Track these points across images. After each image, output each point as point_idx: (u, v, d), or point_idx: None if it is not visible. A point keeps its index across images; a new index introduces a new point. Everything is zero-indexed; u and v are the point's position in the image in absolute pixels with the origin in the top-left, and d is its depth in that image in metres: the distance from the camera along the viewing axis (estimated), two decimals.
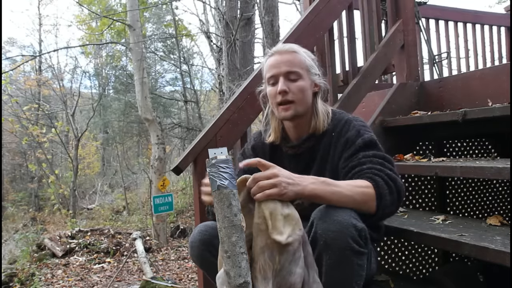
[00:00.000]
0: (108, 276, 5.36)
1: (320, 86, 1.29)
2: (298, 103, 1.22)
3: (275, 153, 1.34)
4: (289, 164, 1.28)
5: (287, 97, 1.21)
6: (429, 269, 2.12)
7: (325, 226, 0.97)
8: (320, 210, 1.02)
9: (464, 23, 3.49)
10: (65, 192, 10.94)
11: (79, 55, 16.28)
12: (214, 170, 0.94)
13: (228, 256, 0.90)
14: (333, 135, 1.24)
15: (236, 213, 0.92)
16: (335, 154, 1.22)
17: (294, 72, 1.22)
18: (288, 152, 1.31)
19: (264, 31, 6.30)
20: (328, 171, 1.22)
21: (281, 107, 1.23)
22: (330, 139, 1.24)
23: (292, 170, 1.09)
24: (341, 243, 0.95)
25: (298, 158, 1.29)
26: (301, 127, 1.28)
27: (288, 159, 1.31)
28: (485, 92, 1.90)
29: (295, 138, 1.31)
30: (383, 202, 1.05)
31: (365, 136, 1.18)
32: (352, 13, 2.19)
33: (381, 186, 1.06)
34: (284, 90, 1.20)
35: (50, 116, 13.23)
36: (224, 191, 0.92)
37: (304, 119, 1.27)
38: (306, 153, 1.28)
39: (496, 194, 2.46)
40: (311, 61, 1.27)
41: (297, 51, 1.25)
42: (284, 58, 1.24)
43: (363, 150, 1.16)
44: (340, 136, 1.22)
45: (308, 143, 1.28)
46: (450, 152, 2.31)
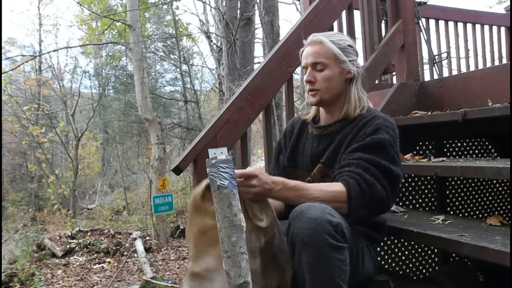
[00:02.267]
0: (108, 276, 5.36)
1: (353, 73, 1.31)
2: (323, 91, 1.29)
3: (302, 135, 1.43)
4: (312, 143, 1.36)
5: (313, 86, 1.30)
6: (429, 269, 2.12)
7: (300, 225, 0.99)
8: (295, 210, 1.05)
9: (464, 23, 3.49)
10: (65, 192, 10.93)
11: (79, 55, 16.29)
12: (214, 170, 0.94)
13: (228, 256, 0.90)
14: (359, 125, 1.27)
15: (236, 213, 0.92)
16: (348, 145, 1.25)
17: (319, 62, 1.29)
18: (314, 132, 1.37)
19: (264, 31, 6.30)
20: (338, 155, 1.26)
21: (309, 93, 1.32)
22: (353, 129, 1.27)
23: (312, 149, 1.33)
24: (317, 239, 0.97)
25: (320, 139, 1.34)
26: (332, 112, 1.34)
27: (312, 139, 1.37)
28: (485, 92, 1.90)
29: (324, 121, 1.37)
30: (353, 204, 1.10)
31: (376, 136, 1.20)
32: (352, 13, 2.19)
33: (352, 189, 1.11)
34: (309, 80, 1.30)
35: (50, 116, 13.23)
36: (224, 191, 0.92)
37: (336, 106, 1.33)
38: (328, 136, 1.33)
39: (496, 194, 2.46)
40: (339, 50, 1.29)
41: (323, 41, 1.30)
42: (311, 49, 1.31)
43: (363, 150, 1.18)
44: (362, 129, 1.25)
45: (333, 128, 1.32)
46: (450, 152, 2.30)
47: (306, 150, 1.38)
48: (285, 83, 1.96)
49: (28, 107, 10.80)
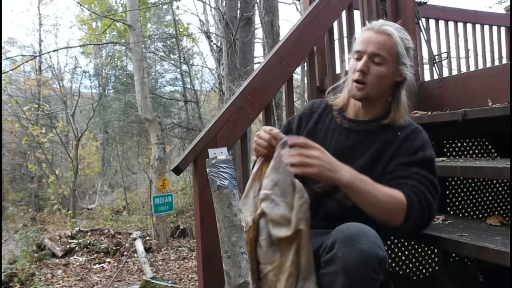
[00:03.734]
0: (108, 276, 5.36)
1: (406, 77, 1.22)
2: (372, 87, 1.18)
3: (323, 121, 1.31)
4: (339, 136, 1.26)
5: (364, 78, 1.18)
6: (429, 269, 2.12)
7: (346, 251, 0.93)
8: (343, 231, 0.97)
9: (464, 23, 3.49)
10: (65, 192, 10.93)
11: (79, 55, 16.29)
12: (214, 170, 0.94)
13: (228, 256, 0.90)
14: (399, 135, 1.19)
15: (236, 213, 0.92)
16: (392, 156, 1.18)
17: (380, 55, 1.17)
18: (344, 124, 1.27)
19: (264, 31, 6.30)
20: (376, 167, 1.18)
21: (355, 84, 1.19)
22: (394, 138, 1.19)
23: (338, 141, 1.23)
24: (361, 272, 0.92)
25: (350, 133, 1.24)
26: (368, 109, 1.25)
27: (340, 132, 1.27)
28: (485, 92, 1.90)
29: (356, 115, 1.27)
30: (410, 219, 1.07)
31: (427, 153, 1.16)
32: (352, 13, 2.19)
33: (414, 204, 1.07)
34: (363, 70, 1.17)
35: (50, 116, 13.23)
36: (224, 191, 0.92)
37: (374, 104, 1.24)
38: (361, 133, 1.23)
39: (496, 194, 2.46)
40: (404, 50, 1.19)
41: (392, 35, 1.18)
42: (376, 37, 1.18)
43: (419, 166, 1.13)
44: (406, 141, 1.18)
45: (368, 126, 1.24)
46: (450, 152, 2.30)
47: (329, 140, 1.26)
48: (285, 83, 1.96)
49: (28, 107, 10.80)
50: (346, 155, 1.19)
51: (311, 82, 2.19)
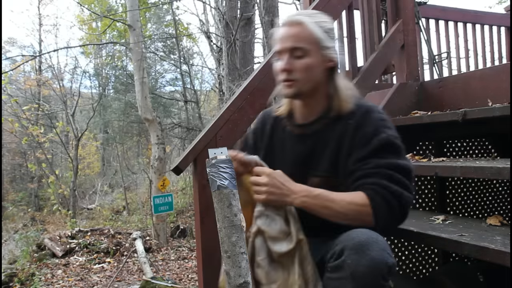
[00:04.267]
0: (108, 276, 5.36)
1: (335, 60, 1.15)
2: (302, 82, 1.12)
3: (276, 133, 1.25)
4: (293, 145, 1.20)
5: (290, 76, 1.12)
6: (429, 269, 2.12)
7: (356, 258, 0.91)
8: (353, 238, 0.94)
9: (464, 23, 3.49)
10: (65, 192, 10.93)
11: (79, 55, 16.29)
12: (214, 170, 0.94)
13: (228, 256, 0.90)
14: (350, 124, 1.12)
15: (236, 213, 0.92)
16: (349, 151, 1.11)
17: (299, 48, 1.10)
18: (294, 131, 1.20)
19: (264, 31, 6.30)
20: (340, 166, 1.12)
21: (284, 84, 1.14)
22: (346, 128, 1.12)
23: (296, 153, 1.18)
24: (370, 280, 0.90)
25: (304, 140, 1.18)
26: (311, 106, 1.18)
27: (293, 140, 1.20)
28: (485, 92, 1.90)
29: (303, 117, 1.21)
30: (380, 220, 1.02)
31: (382, 136, 1.08)
32: (352, 13, 2.19)
33: (378, 204, 1.01)
34: (286, 69, 1.11)
35: (50, 116, 13.23)
36: (224, 191, 0.92)
37: (314, 99, 1.17)
38: (315, 136, 1.17)
39: (496, 194, 2.46)
40: (324, 33, 1.12)
41: (305, 22, 1.11)
42: (290, 31, 1.12)
43: (377, 155, 1.06)
44: (358, 130, 1.10)
45: (318, 125, 1.17)
46: (450, 152, 2.30)
47: (287, 152, 1.21)
48: None
49: (28, 107, 10.80)
50: (307, 163, 1.16)
51: None
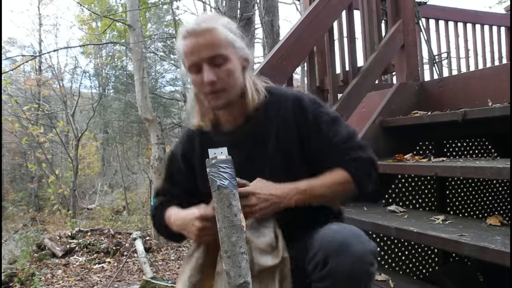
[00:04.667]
0: (108, 276, 5.36)
1: (249, 59, 1.12)
2: (230, 90, 1.07)
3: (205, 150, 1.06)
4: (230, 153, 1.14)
5: (217, 86, 1.05)
6: (429, 269, 2.12)
7: (342, 260, 0.89)
8: (330, 242, 0.92)
9: (464, 23, 3.50)
10: (65, 192, 10.93)
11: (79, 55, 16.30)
12: (214, 170, 0.94)
13: (228, 256, 0.90)
14: (281, 114, 1.11)
15: (236, 213, 0.92)
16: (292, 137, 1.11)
17: (218, 55, 1.04)
18: (228, 141, 1.09)
19: (264, 31, 6.30)
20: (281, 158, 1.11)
21: (211, 96, 1.06)
22: (278, 121, 1.11)
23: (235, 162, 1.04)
24: (363, 274, 0.91)
25: (237, 147, 1.09)
26: (234, 111, 1.13)
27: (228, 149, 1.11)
28: (485, 92, 1.90)
29: (229, 123, 1.16)
30: (363, 188, 1.09)
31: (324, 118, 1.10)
32: (352, 13, 2.19)
33: (359, 176, 1.07)
34: (212, 81, 1.03)
35: (50, 116, 13.24)
36: (224, 191, 0.92)
37: (238, 102, 1.12)
38: (246, 139, 1.13)
39: (496, 194, 2.46)
40: (232, 33, 1.08)
41: (216, 27, 1.05)
42: (202, 40, 1.03)
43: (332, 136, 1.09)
44: (296, 116, 1.10)
45: (247, 128, 1.13)
46: (450, 152, 2.31)
47: None
48: (285, 83, 1.96)
49: (28, 107, 10.80)
50: (250, 167, 1.10)
51: (311, 82, 2.20)
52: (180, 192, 1.22)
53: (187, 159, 1.21)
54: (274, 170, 1.10)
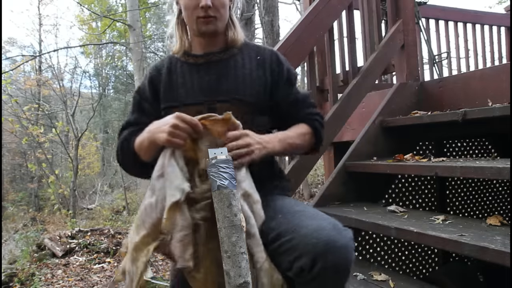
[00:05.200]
0: (108, 276, 5.36)
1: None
2: (220, 19, 1.16)
3: (175, 70, 1.23)
4: (198, 74, 1.20)
5: (210, 12, 1.13)
6: (429, 269, 2.12)
7: (333, 258, 0.88)
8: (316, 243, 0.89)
9: (464, 23, 3.50)
10: (65, 192, 10.93)
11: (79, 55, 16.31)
12: (214, 170, 0.94)
13: (228, 256, 0.90)
14: (257, 59, 1.21)
15: (236, 213, 0.92)
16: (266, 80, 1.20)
17: None
18: (199, 61, 1.22)
19: (264, 31, 6.30)
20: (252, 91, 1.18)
21: (202, 20, 1.15)
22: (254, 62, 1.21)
23: (204, 80, 1.18)
24: (348, 264, 0.91)
25: (209, 68, 1.20)
26: (214, 41, 1.22)
27: (196, 70, 1.21)
28: (485, 92, 1.90)
29: (205, 49, 1.23)
30: (319, 140, 1.25)
31: (295, 75, 1.27)
32: (352, 13, 2.19)
33: (318, 130, 1.23)
34: (209, 6, 1.12)
35: (50, 116, 13.24)
36: (224, 191, 0.92)
37: (222, 34, 1.22)
38: (221, 64, 1.20)
39: (496, 194, 2.47)
40: None
41: None
42: None
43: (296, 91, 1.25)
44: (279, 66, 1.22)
45: (222, 55, 1.22)
46: (450, 152, 2.31)
47: (190, 83, 1.20)
48: None
49: (28, 107, 10.80)
50: (215, 89, 1.16)
51: (311, 82, 2.19)
52: (147, 119, 1.18)
53: (153, 85, 1.24)
54: (244, 96, 1.16)
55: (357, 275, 1.46)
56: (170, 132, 0.98)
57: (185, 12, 1.18)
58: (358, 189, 1.90)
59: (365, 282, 1.40)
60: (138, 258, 0.99)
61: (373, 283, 1.39)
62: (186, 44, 1.24)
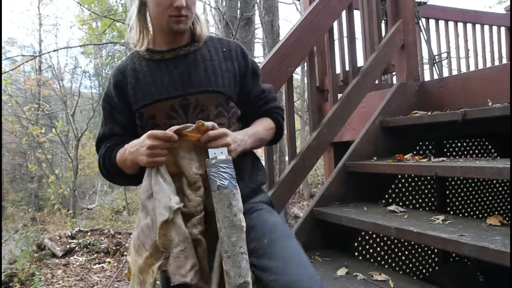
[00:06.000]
0: (108, 276, 5.36)
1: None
2: (190, 18, 1.15)
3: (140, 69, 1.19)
4: (166, 70, 1.16)
5: (183, 11, 1.11)
6: (429, 269, 2.12)
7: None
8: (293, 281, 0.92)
9: (464, 23, 3.50)
10: (65, 192, 10.93)
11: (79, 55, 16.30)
12: (214, 170, 0.94)
13: (228, 256, 0.90)
14: (223, 51, 1.21)
15: (236, 213, 0.92)
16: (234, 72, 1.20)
17: None
18: (165, 56, 1.18)
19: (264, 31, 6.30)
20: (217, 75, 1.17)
21: (175, 19, 1.12)
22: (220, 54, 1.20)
23: (173, 75, 1.15)
24: None
25: (177, 62, 1.17)
26: (181, 38, 1.20)
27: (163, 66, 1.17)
28: (485, 92, 1.90)
29: (169, 44, 1.19)
30: (280, 133, 1.30)
31: (259, 68, 1.29)
32: (352, 13, 2.19)
33: (281, 124, 1.28)
34: (183, 6, 1.10)
35: (50, 116, 13.23)
36: (224, 191, 0.92)
37: (188, 30, 1.21)
38: (189, 57, 1.18)
39: (496, 194, 2.47)
40: None
41: None
42: None
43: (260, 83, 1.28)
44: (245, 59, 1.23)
45: (188, 48, 1.19)
46: (450, 152, 2.31)
47: (160, 79, 1.15)
48: (285, 83, 1.96)
49: (28, 107, 10.80)
50: (185, 83, 1.14)
51: (311, 82, 2.19)
52: (121, 130, 1.19)
53: (120, 90, 1.19)
54: (217, 87, 1.15)
55: (357, 275, 1.46)
56: (148, 154, 0.99)
57: (155, 8, 1.14)
58: (358, 189, 1.90)
59: (365, 282, 1.40)
60: (146, 281, 1.00)
61: (373, 283, 1.39)
62: (147, 40, 1.20)
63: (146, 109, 1.14)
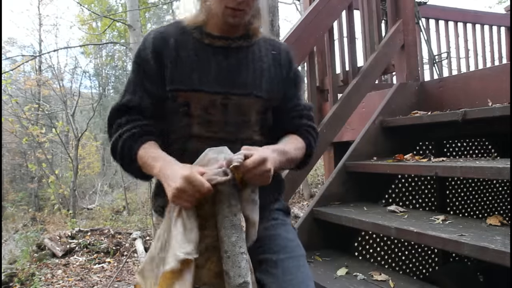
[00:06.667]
0: (108, 276, 5.35)
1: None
2: (248, 13, 1.05)
3: (186, 45, 1.06)
4: (213, 57, 1.06)
5: (242, 6, 1.02)
6: (429, 269, 2.12)
7: None
8: None
9: (464, 23, 3.50)
10: (65, 192, 10.92)
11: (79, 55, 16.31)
12: None
13: (228, 256, 0.90)
14: (273, 53, 1.14)
15: (236, 213, 0.91)
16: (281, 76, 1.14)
17: None
18: (216, 43, 1.07)
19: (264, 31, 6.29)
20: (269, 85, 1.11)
21: (231, 11, 1.02)
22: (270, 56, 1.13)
23: (220, 66, 1.05)
24: None
25: (227, 53, 1.08)
26: (236, 28, 1.08)
27: (212, 52, 1.07)
28: (485, 92, 1.90)
29: (224, 32, 1.09)
30: (312, 153, 1.17)
31: (302, 77, 1.24)
32: (352, 13, 2.19)
33: (312, 144, 1.16)
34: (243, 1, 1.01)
35: (50, 116, 13.23)
36: (224, 191, 0.92)
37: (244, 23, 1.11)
38: (240, 52, 1.10)
39: (496, 194, 2.47)
40: None
41: None
42: None
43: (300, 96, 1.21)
44: (291, 64, 1.17)
45: (242, 42, 1.10)
46: (450, 152, 2.31)
47: (205, 66, 1.05)
48: None
49: (28, 107, 10.80)
50: (231, 79, 1.06)
51: (311, 82, 2.20)
52: (151, 104, 1.05)
53: (159, 57, 1.05)
54: (261, 92, 1.08)
55: (357, 275, 1.46)
56: (175, 195, 0.88)
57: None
58: (358, 189, 1.90)
59: (365, 282, 1.40)
60: None
61: (373, 283, 1.39)
62: (202, 18, 1.07)
63: (180, 94, 1.03)
